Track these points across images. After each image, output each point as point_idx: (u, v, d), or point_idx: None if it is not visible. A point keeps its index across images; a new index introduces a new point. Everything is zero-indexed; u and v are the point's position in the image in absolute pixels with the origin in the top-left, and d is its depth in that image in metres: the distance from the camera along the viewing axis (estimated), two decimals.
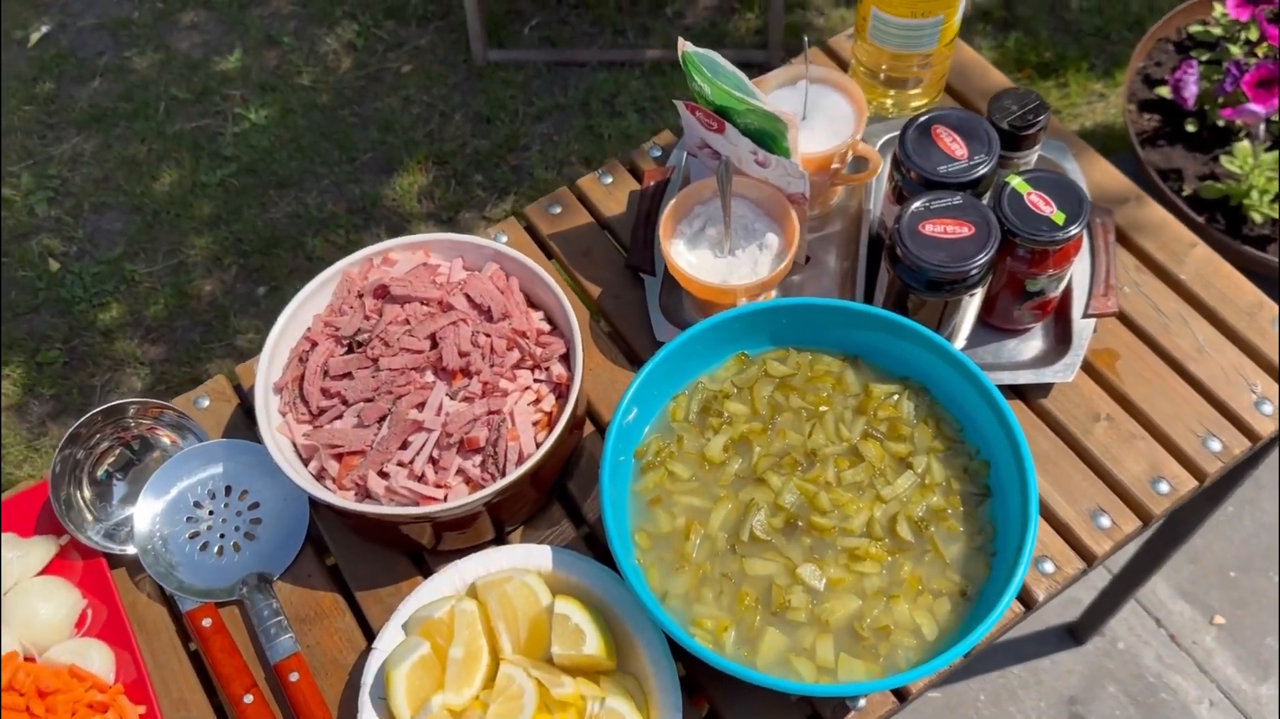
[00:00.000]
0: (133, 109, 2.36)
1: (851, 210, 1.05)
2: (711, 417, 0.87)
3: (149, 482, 0.90)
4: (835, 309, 0.88)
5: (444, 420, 0.86)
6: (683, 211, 0.97)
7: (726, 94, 0.89)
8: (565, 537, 0.91)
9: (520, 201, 2.16)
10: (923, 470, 0.84)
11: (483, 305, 0.91)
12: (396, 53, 2.41)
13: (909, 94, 1.09)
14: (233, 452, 0.94)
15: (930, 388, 0.88)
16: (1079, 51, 2.28)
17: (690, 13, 2.44)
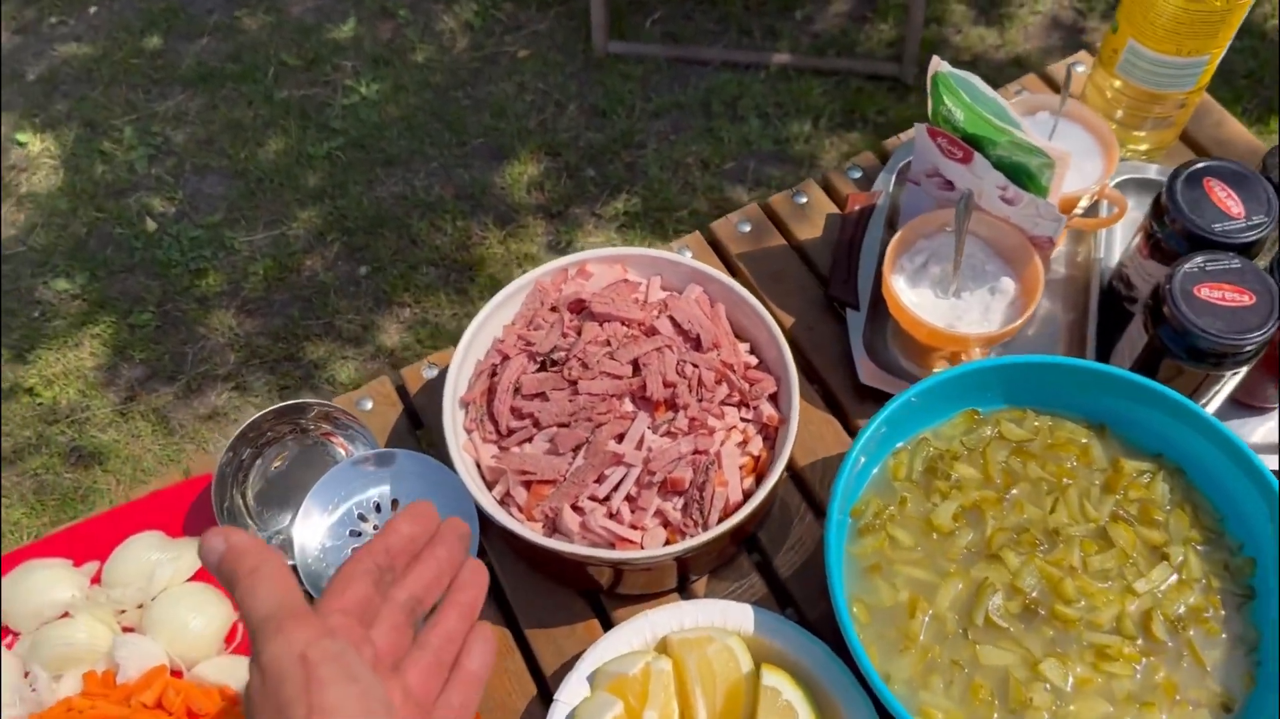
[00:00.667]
0: (240, 71, 2.30)
1: (1078, 257, 0.96)
2: (938, 479, 0.79)
3: (313, 490, 0.83)
4: (1086, 371, 0.79)
5: (646, 456, 0.78)
6: (906, 245, 0.88)
7: (985, 122, 0.80)
8: (755, 591, 0.83)
9: (633, 200, 2.09)
10: (1179, 563, 0.75)
11: (690, 332, 0.83)
12: (514, 36, 2.34)
13: (1137, 135, 0.99)
14: (401, 462, 0.87)
15: (1187, 468, 0.79)
16: (1230, 95, 2.17)
17: (820, 18, 2.35)
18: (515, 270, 2.01)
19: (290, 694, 0.44)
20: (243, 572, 0.48)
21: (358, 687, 0.45)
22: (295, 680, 0.44)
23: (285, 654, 0.45)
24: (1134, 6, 0.89)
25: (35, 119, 2.26)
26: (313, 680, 0.44)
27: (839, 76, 2.23)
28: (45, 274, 2.04)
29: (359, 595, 0.49)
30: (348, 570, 0.50)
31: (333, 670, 0.44)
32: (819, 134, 2.16)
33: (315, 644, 0.45)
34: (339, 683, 0.44)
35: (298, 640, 0.45)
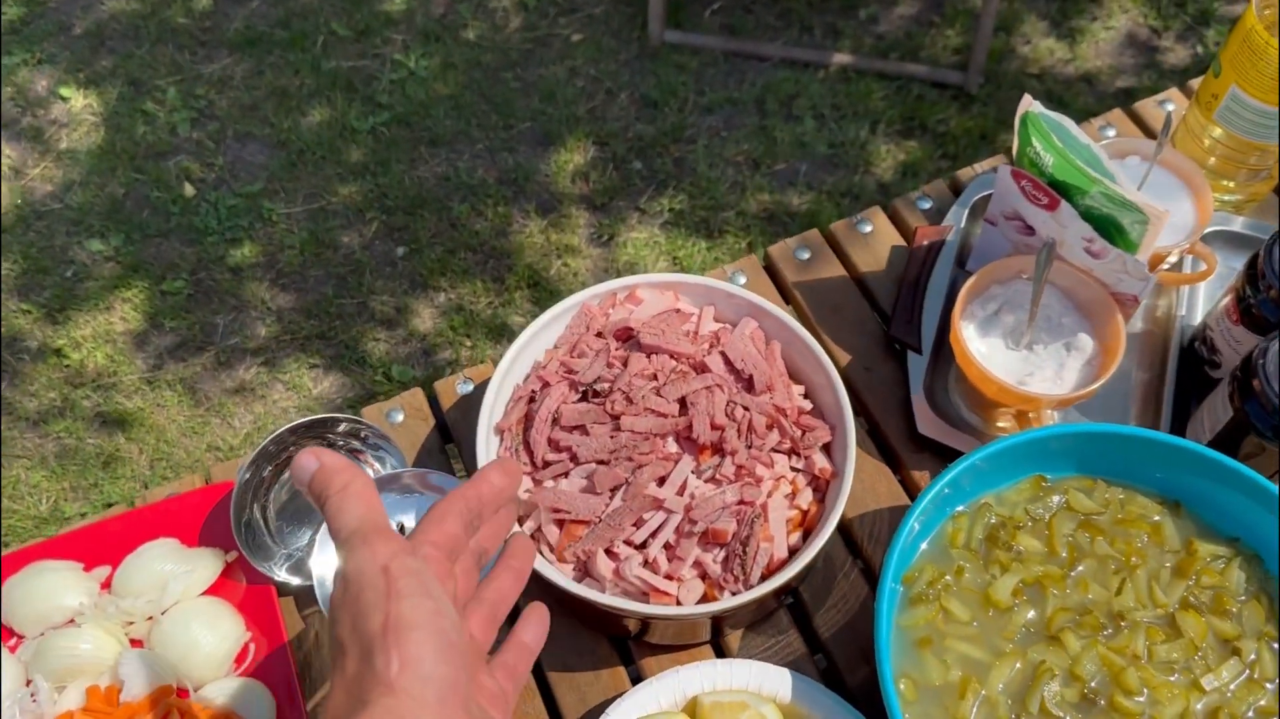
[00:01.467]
0: (289, 37, 2.26)
1: (1157, 311, 0.90)
2: (999, 548, 0.74)
3: None
4: (1162, 445, 0.74)
5: (688, 503, 0.74)
6: (978, 290, 0.83)
7: (1076, 169, 0.74)
8: (793, 651, 0.79)
9: (679, 197, 2.03)
10: (1252, 660, 0.70)
11: (743, 372, 0.78)
12: (568, 19, 2.28)
13: (1228, 185, 0.93)
14: (429, 483, 0.83)
15: (1265, 556, 0.74)
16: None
17: (885, 19, 2.27)
18: (554, 261, 1.97)
19: (370, 601, 0.45)
20: (334, 489, 0.49)
21: (432, 603, 0.46)
22: (377, 589, 0.45)
23: (369, 565, 0.46)
24: (1240, 52, 0.83)
25: (79, 74, 2.23)
26: (392, 591, 0.45)
27: (901, 81, 2.16)
28: (80, 234, 2.02)
29: (451, 531, 0.51)
30: (444, 508, 0.52)
31: (411, 585, 0.46)
32: (876, 140, 2.10)
33: (397, 558, 0.47)
34: (416, 597, 0.45)
35: (382, 553, 0.47)
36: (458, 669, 0.45)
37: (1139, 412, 0.86)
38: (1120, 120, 1.02)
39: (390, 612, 0.45)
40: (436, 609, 0.46)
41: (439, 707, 0.44)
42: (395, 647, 0.44)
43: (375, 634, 0.44)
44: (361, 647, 0.45)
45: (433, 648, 0.45)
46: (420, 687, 0.44)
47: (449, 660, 0.45)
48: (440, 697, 0.44)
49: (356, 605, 0.46)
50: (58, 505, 1.75)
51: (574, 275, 1.95)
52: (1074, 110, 2.12)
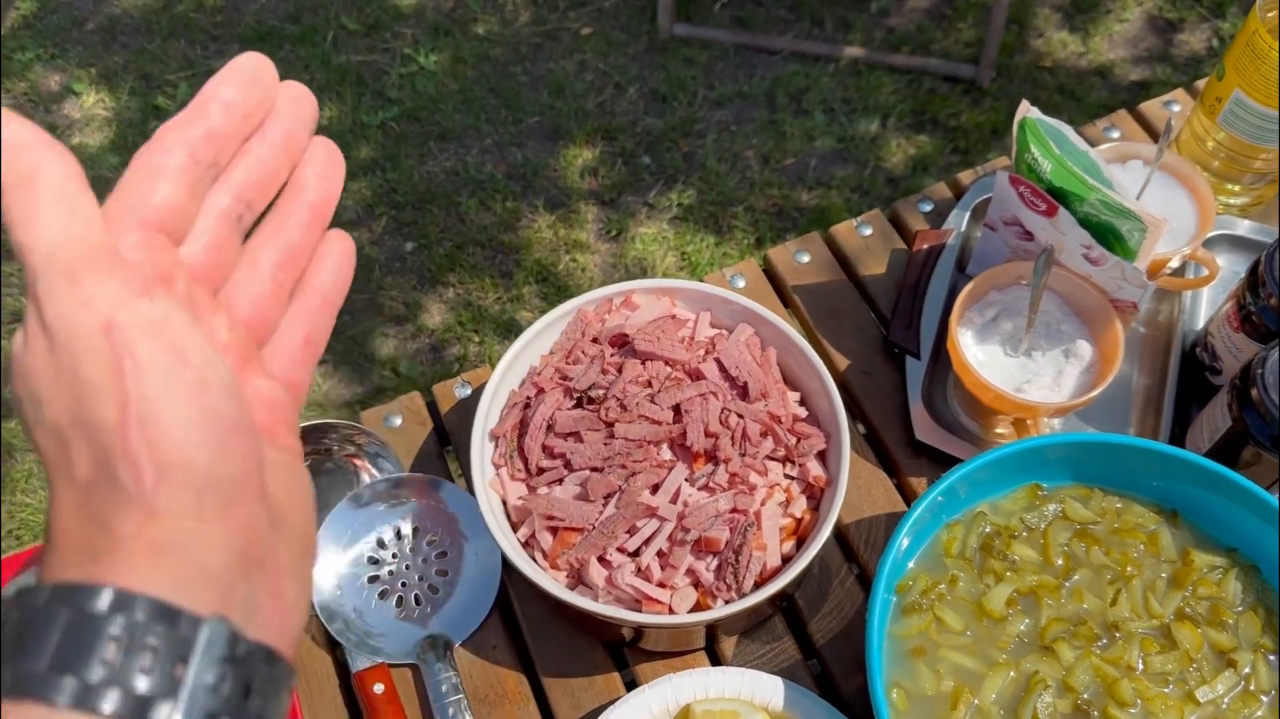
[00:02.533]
0: (300, 32, 2.27)
1: (1159, 316, 0.90)
2: (993, 558, 0.74)
3: (328, 518, 0.80)
4: (1160, 455, 0.73)
5: (681, 510, 0.74)
6: (976, 296, 0.82)
7: (1073, 176, 0.74)
8: (788, 658, 0.79)
9: (688, 192, 2.03)
10: (1247, 672, 0.70)
11: (737, 379, 0.78)
12: (578, 13, 2.28)
13: (1233, 189, 0.92)
14: (424, 489, 0.83)
15: (1263, 567, 0.73)
16: None
17: (896, 12, 2.26)
18: (563, 257, 1.97)
19: (92, 378, 0.30)
20: (16, 178, 0.31)
21: (192, 372, 0.30)
22: (99, 359, 0.30)
23: (84, 318, 0.30)
24: (1244, 56, 0.82)
25: (91, 69, 2.24)
26: (124, 363, 0.30)
27: (912, 75, 2.15)
28: None
29: (167, 201, 0.33)
30: (151, 162, 0.33)
31: (154, 348, 0.30)
32: (887, 134, 2.09)
33: (128, 306, 0.30)
34: (165, 366, 0.30)
35: (100, 300, 0.30)
36: (243, 456, 0.31)
37: (1139, 418, 0.86)
38: (1124, 121, 1.01)
39: (128, 393, 0.29)
40: (199, 380, 0.31)
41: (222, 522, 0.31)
42: (145, 449, 0.29)
43: (109, 429, 0.29)
44: (93, 447, 0.30)
45: (202, 439, 0.30)
46: (193, 500, 0.30)
47: (228, 449, 0.31)
48: (225, 503, 0.31)
49: (73, 382, 0.30)
50: None
51: (582, 271, 1.95)
52: (1087, 104, 2.10)
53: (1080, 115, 2.08)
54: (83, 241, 0.31)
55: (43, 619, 0.28)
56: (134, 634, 0.28)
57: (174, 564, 0.29)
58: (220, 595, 0.30)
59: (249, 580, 0.31)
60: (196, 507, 0.30)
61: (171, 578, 0.29)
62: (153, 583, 0.29)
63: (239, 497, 0.31)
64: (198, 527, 0.30)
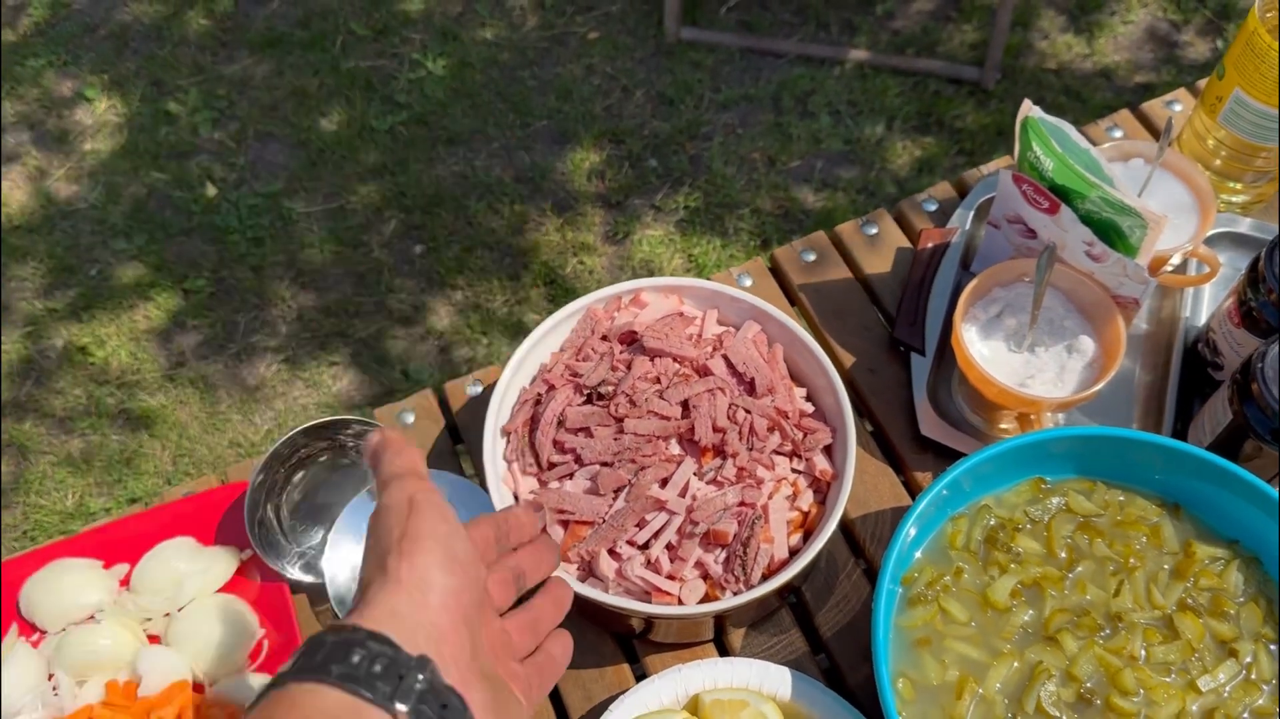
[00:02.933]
0: (309, 38, 2.29)
1: (1161, 312, 0.91)
2: (997, 550, 0.75)
3: (344, 512, 0.81)
4: (1161, 448, 0.75)
5: (690, 504, 0.75)
6: (980, 293, 0.83)
7: (1075, 174, 0.75)
8: (794, 649, 0.80)
9: (695, 195, 2.04)
10: (1249, 662, 0.71)
11: (745, 375, 0.79)
12: (585, 17, 2.29)
13: (1235, 187, 0.93)
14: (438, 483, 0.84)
15: (1264, 558, 0.74)
16: None
17: (902, 14, 2.27)
18: (570, 259, 1.98)
19: (391, 523, 0.50)
20: (390, 450, 0.55)
21: (447, 527, 0.51)
22: (400, 512, 0.51)
23: (398, 495, 0.51)
24: (1244, 56, 0.83)
25: (104, 75, 2.26)
26: (413, 513, 0.50)
27: (917, 77, 2.16)
28: (104, 233, 2.05)
29: (482, 533, 0.57)
30: (475, 519, 0.58)
31: (430, 509, 0.51)
32: (892, 136, 2.10)
33: (423, 491, 0.52)
34: (432, 519, 0.51)
35: (411, 487, 0.52)
36: (463, 584, 0.50)
37: (1142, 413, 0.87)
38: (1127, 121, 1.03)
39: (408, 527, 0.50)
40: (450, 531, 0.51)
41: (439, 610, 0.48)
42: (406, 553, 0.49)
43: (391, 545, 0.49)
44: (378, 558, 0.49)
45: (440, 558, 0.49)
46: (422, 589, 0.48)
47: (453, 573, 0.49)
48: (441, 603, 0.48)
49: (384, 527, 0.50)
50: (83, 500, 1.78)
51: (589, 273, 1.97)
52: (1092, 105, 2.11)
53: (1085, 116, 2.09)
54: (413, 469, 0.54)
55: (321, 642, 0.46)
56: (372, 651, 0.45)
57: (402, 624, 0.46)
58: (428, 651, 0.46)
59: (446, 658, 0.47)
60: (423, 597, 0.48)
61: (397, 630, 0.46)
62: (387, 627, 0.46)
63: (450, 603, 0.49)
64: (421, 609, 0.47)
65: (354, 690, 0.44)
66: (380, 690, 0.44)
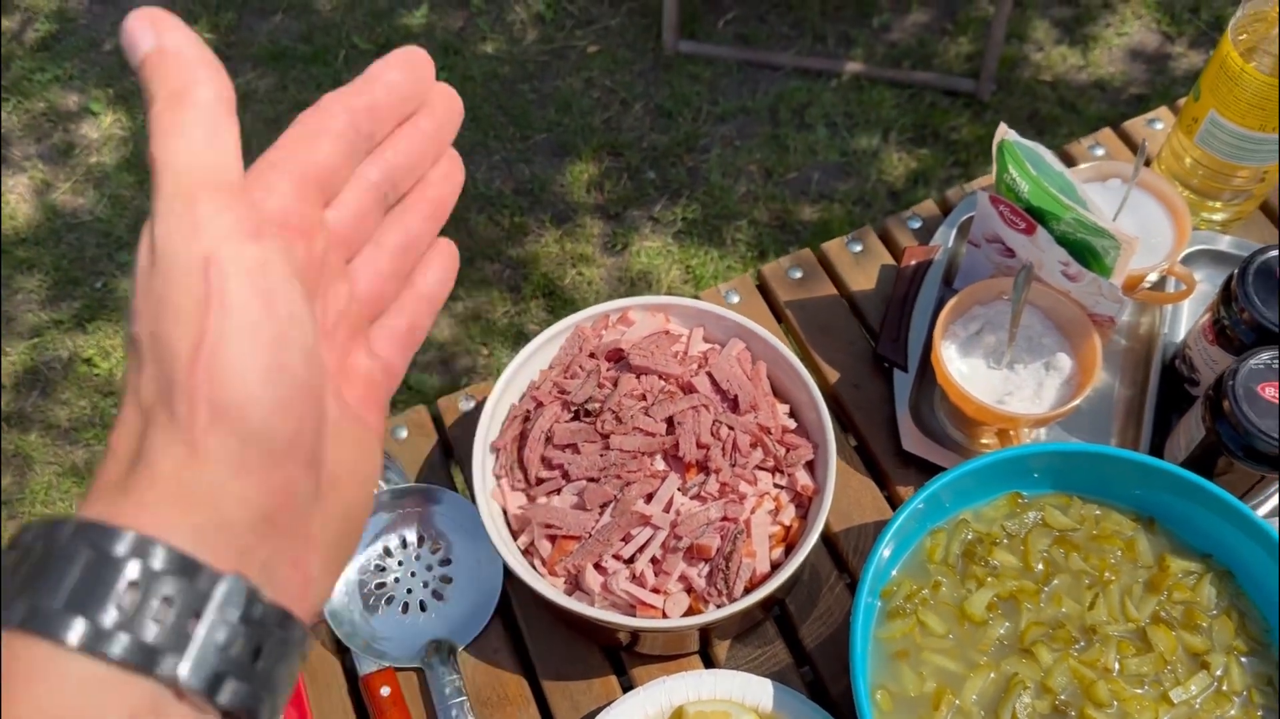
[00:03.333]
0: (312, 52, 2.31)
1: (1140, 329, 0.92)
2: (975, 564, 0.76)
3: None
4: (1136, 464, 0.76)
5: (674, 519, 0.77)
6: (960, 311, 0.85)
7: (1050, 197, 0.77)
8: (778, 661, 0.82)
9: (693, 206, 2.06)
10: (1220, 674, 0.72)
11: (728, 392, 0.81)
12: (584, 31, 2.32)
13: (1213, 205, 0.95)
14: (430, 499, 0.86)
15: (1237, 573, 0.76)
16: None
17: (898, 27, 2.29)
18: (569, 271, 2.00)
19: (179, 305, 0.30)
20: (166, 90, 0.31)
21: (275, 326, 0.30)
22: (191, 288, 0.30)
23: (186, 246, 0.30)
24: (1218, 78, 0.85)
25: (109, 89, 2.29)
26: (213, 298, 0.30)
27: (913, 89, 2.18)
28: (109, 246, 2.08)
29: (324, 160, 0.35)
30: (316, 123, 0.35)
31: (244, 292, 0.30)
32: (888, 148, 2.12)
33: (229, 243, 0.30)
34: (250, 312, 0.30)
35: (208, 231, 0.30)
36: (300, 418, 0.31)
37: (1121, 428, 0.88)
38: (1109, 139, 1.04)
39: (207, 329, 0.29)
40: (279, 333, 0.30)
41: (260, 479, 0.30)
42: (206, 387, 0.29)
43: (180, 360, 0.29)
44: (162, 373, 0.30)
45: (264, 391, 0.30)
46: (237, 450, 0.30)
47: (287, 408, 0.31)
48: (268, 461, 0.30)
49: (160, 302, 0.30)
50: None
51: (588, 284, 1.99)
52: (1087, 117, 2.13)
53: (1081, 128, 2.11)
54: (211, 169, 0.31)
55: (63, 556, 0.28)
56: (150, 582, 0.27)
57: (201, 514, 0.29)
58: (240, 553, 0.30)
59: (272, 544, 0.31)
60: (239, 458, 0.30)
61: (195, 527, 0.29)
62: (176, 530, 0.28)
63: (284, 458, 0.31)
64: (233, 479, 0.30)
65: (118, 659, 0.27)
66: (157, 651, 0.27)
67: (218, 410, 0.29)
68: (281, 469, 0.31)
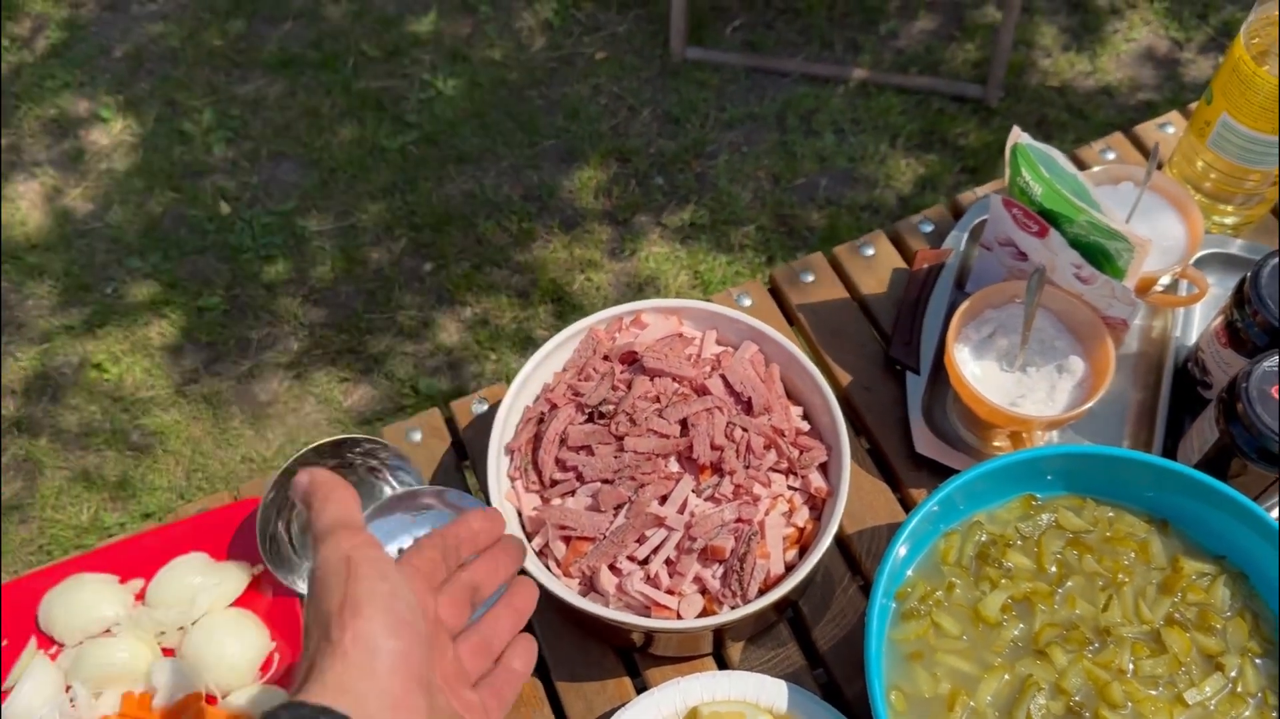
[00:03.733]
0: (321, 59, 2.32)
1: (1152, 332, 0.93)
2: (989, 565, 0.77)
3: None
4: (1149, 466, 0.76)
5: (688, 520, 0.77)
6: (973, 314, 0.85)
7: (1063, 199, 0.77)
8: (792, 663, 0.82)
9: (700, 212, 2.07)
10: (1234, 676, 0.72)
11: (742, 394, 0.81)
12: (592, 37, 2.33)
13: (1225, 209, 0.95)
14: (445, 501, 0.87)
15: (1250, 574, 0.76)
16: None
17: (905, 33, 2.30)
18: (577, 276, 2.01)
19: (331, 584, 0.50)
20: (318, 496, 0.54)
21: (388, 586, 0.50)
22: (338, 574, 0.50)
23: (334, 554, 0.51)
24: (1230, 81, 0.85)
25: (119, 95, 2.30)
26: (351, 574, 0.50)
27: (920, 95, 2.18)
28: (119, 252, 2.09)
29: (427, 558, 0.57)
30: (420, 542, 0.58)
31: (368, 569, 0.50)
32: (896, 154, 2.12)
33: (360, 549, 0.51)
34: (372, 579, 0.50)
35: (346, 544, 0.51)
36: (410, 645, 0.49)
37: (1133, 431, 0.88)
38: (1120, 144, 1.05)
39: (348, 592, 0.49)
40: (391, 591, 0.50)
41: (388, 677, 0.48)
42: (350, 621, 0.48)
43: (333, 611, 0.49)
44: (321, 625, 0.49)
45: (384, 623, 0.49)
46: (369, 657, 0.48)
47: (400, 636, 0.49)
48: (390, 667, 0.48)
49: (320, 590, 0.50)
50: (97, 515, 1.81)
51: (596, 290, 1.99)
52: (1095, 122, 2.13)
53: (1088, 134, 2.11)
54: (346, 520, 0.53)
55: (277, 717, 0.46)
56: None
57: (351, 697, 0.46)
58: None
59: None
60: (370, 665, 0.48)
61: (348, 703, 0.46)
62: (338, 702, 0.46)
63: (400, 667, 0.48)
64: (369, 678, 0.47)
65: None
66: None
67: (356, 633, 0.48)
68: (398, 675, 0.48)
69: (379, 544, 0.52)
